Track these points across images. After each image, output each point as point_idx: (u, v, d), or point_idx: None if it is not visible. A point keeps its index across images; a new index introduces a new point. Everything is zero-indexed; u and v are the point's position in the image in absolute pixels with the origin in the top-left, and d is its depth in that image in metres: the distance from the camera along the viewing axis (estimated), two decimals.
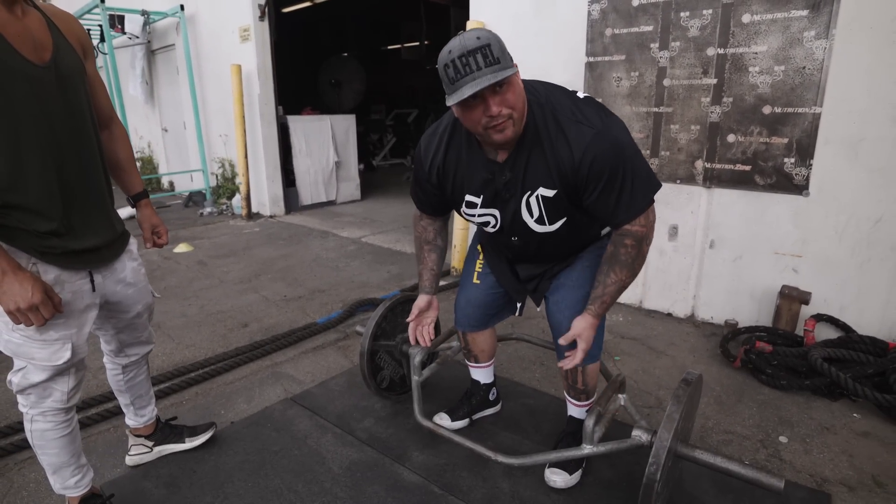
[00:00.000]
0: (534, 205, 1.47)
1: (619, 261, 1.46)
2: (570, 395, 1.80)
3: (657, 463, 1.35)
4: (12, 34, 1.18)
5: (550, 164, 1.39)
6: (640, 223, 1.41)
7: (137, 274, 1.53)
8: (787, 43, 2.52)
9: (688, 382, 1.50)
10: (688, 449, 1.49)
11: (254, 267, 4.24)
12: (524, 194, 1.46)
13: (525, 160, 1.42)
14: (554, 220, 1.49)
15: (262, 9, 5.60)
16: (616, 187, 1.36)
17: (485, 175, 1.49)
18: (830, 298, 2.60)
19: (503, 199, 1.50)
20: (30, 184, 1.22)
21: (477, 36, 1.24)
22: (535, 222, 1.50)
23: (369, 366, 2.07)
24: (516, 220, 1.52)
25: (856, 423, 2.09)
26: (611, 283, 1.48)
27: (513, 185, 1.46)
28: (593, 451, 1.57)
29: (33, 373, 1.32)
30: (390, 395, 2.21)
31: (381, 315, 2.08)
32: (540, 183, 1.43)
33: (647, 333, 2.91)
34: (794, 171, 2.60)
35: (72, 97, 1.30)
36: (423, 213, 1.78)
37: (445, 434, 1.78)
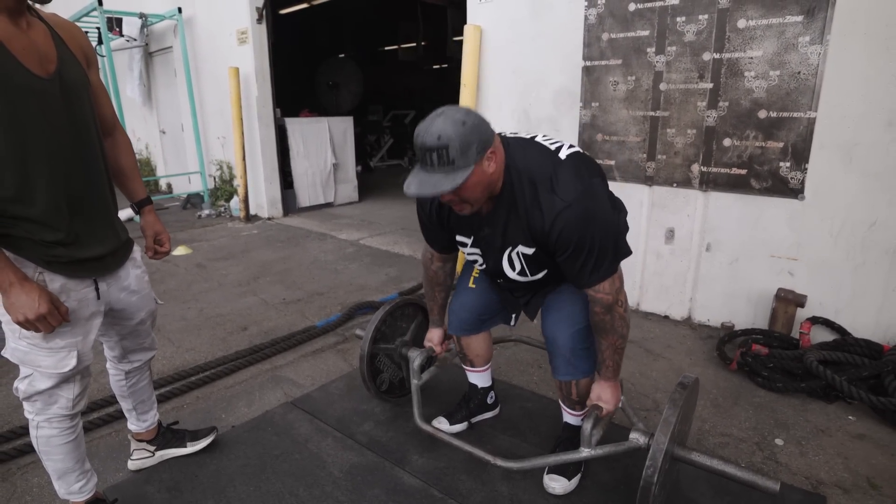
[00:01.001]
0: (515, 260, 1.56)
1: (598, 328, 1.54)
2: (566, 404, 1.83)
3: (654, 466, 1.37)
4: (18, 48, 1.19)
5: (525, 227, 1.46)
6: (604, 290, 1.47)
7: (141, 281, 1.55)
8: (782, 48, 2.55)
9: (684, 386, 1.52)
10: (685, 451, 1.51)
11: (252, 270, 4.25)
12: (505, 249, 1.55)
13: (504, 218, 1.50)
14: (535, 272, 1.57)
15: (260, 11, 5.61)
16: (581, 257, 1.42)
17: (472, 224, 1.58)
18: (826, 301, 2.63)
19: (487, 248, 1.60)
20: (36, 195, 1.23)
21: (439, 134, 1.28)
22: (518, 274, 1.59)
23: (369, 369, 2.08)
24: (498, 269, 1.61)
25: (851, 426, 2.12)
26: (605, 349, 1.56)
27: (492, 239, 1.55)
28: (591, 455, 1.58)
29: (39, 380, 1.34)
30: (390, 397, 2.23)
31: (380, 319, 2.09)
32: (519, 241, 1.51)
33: (644, 336, 2.93)
34: (790, 175, 2.62)
35: (76, 108, 1.31)
36: (433, 253, 1.84)
37: (445, 438, 1.79)
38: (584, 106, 3.24)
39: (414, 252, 4.68)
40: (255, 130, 5.86)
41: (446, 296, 1.94)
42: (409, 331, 2.21)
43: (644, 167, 3.06)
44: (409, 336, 2.20)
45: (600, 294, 1.47)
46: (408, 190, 1.33)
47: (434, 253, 1.84)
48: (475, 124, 1.31)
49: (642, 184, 3.08)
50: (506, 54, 3.54)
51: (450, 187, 1.29)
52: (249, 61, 5.70)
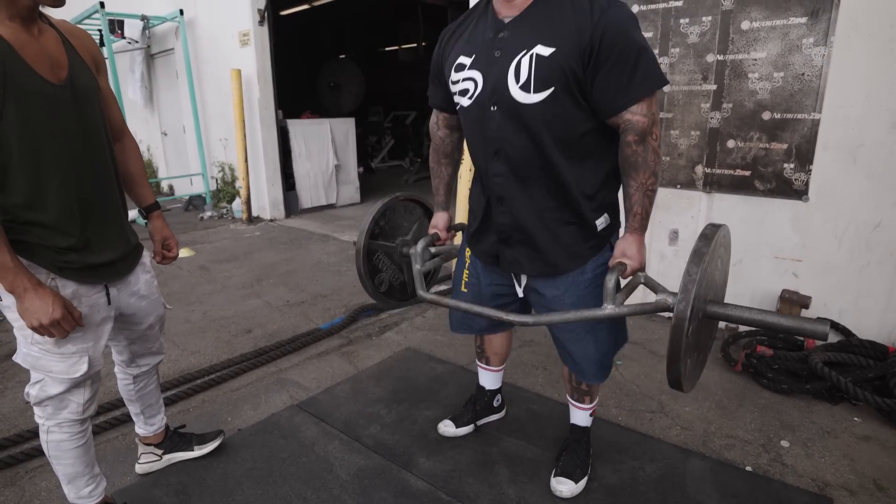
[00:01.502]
0: (524, 66, 1.35)
1: (629, 163, 1.37)
2: (574, 397, 1.82)
3: (686, 301, 1.17)
4: (30, 55, 1.20)
5: (561, 22, 1.31)
6: (641, 112, 1.32)
7: (150, 286, 1.55)
8: (786, 50, 2.55)
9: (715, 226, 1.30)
10: (720, 307, 1.31)
11: (256, 272, 4.25)
12: (518, 52, 1.36)
13: (531, 20, 1.36)
14: (540, 89, 1.35)
15: (262, 13, 5.62)
16: (626, 62, 1.28)
17: (489, 34, 1.42)
18: (830, 302, 2.63)
19: (493, 59, 1.40)
20: (49, 201, 1.24)
21: None
22: (520, 88, 1.36)
23: (366, 265, 1.88)
24: (500, 84, 1.39)
25: (856, 427, 2.12)
26: (634, 191, 1.39)
27: (508, 42, 1.38)
28: (615, 312, 1.38)
29: (51, 385, 1.34)
30: (388, 300, 2.04)
31: (378, 212, 1.88)
32: (539, 40, 1.33)
33: (649, 337, 2.93)
34: (794, 177, 2.63)
35: (87, 114, 1.32)
36: (440, 115, 1.73)
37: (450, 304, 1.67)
38: None
39: None
40: (257, 132, 5.87)
41: (453, 171, 1.81)
42: (410, 231, 2.03)
43: None
44: (410, 236, 2.01)
45: (637, 116, 1.32)
46: None
47: (440, 116, 1.73)
48: None
49: None
50: None
51: None
52: (251, 63, 5.71)
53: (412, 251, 1.79)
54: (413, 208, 2.05)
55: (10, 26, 1.18)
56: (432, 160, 1.81)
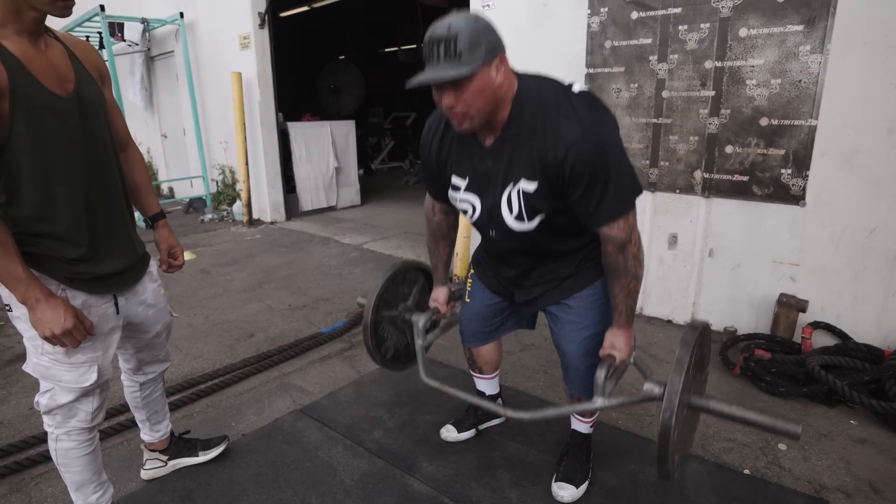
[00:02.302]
0: (514, 200, 1.44)
1: (610, 269, 1.47)
2: (575, 411, 1.84)
3: (671, 409, 1.29)
4: (38, 68, 1.22)
5: (535, 156, 1.36)
6: (618, 227, 1.39)
7: (157, 295, 1.58)
8: (783, 57, 2.58)
9: (695, 328, 1.42)
10: (702, 400, 1.43)
11: (257, 275, 4.28)
12: (505, 186, 1.44)
13: (509, 150, 1.40)
14: (532, 217, 1.45)
15: (262, 17, 5.63)
16: (596, 189, 1.34)
17: (473, 158, 1.48)
18: (827, 306, 2.66)
19: (485, 187, 1.48)
20: (59, 213, 1.26)
21: (449, 24, 1.22)
22: (514, 219, 1.46)
23: (373, 338, 1.95)
24: (494, 214, 1.49)
25: (853, 430, 2.15)
26: (617, 293, 1.48)
27: (494, 173, 1.44)
28: (605, 405, 1.50)
29: (60, 394, 1.37)
30: (395, 365, 2.11)
31: (382, 286, 1.96)
32: (522, 174, 1.40)
33: (648, 341, 2.96)
34: (791, 182, 2.65)
35: (94, 126, 1.34)
36: (435, 203, 1.77)
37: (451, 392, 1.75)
38: None
39: (418, 257, 4.71)
40: (257, 135, 5.89)
41: (450, 251, 1.87)
42: (411, 296, 2.10)
43: (647, 173, 3.09)
44: (411, 301, 2.08)
45: (614, 231, 1.39)
46: (410, 83, 1.25)
47: (436, 204, 1.77)
48: (487, 26, 1.26)
49: (645, 190, 3.11)
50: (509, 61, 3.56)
51: (452, 74, 1.21)
52: (252, 66, 5.73)
53: (414, 323, 1.92)
54: (414, 275, 2.15)
55: (17, 41, 1.20)
56: (430, 241, 1.88)
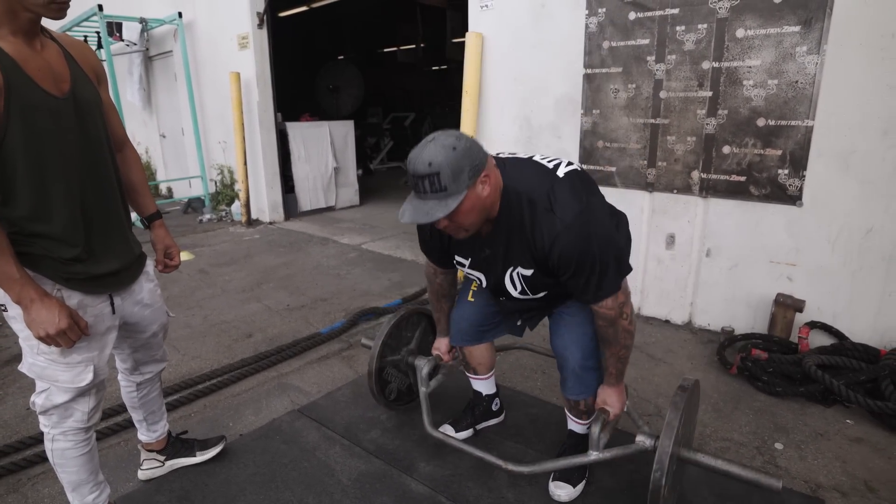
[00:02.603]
0: (516, 280, 1.58)
1: (602, 339, 1.59)
2: (572, 414, 1.86)
3: (661, 469, 1.40)
4: (34, 69, 1.22)
5: (525, 247, 1.48)
6: (606, 306, 1.49)
7: (154, 295, 1.58)
8: (780, 57, 2.58)
9: (684, 389, 1.57)
10: (690, 453, 1.55)
11: (255, 275, 4.27)
12: (506, 269, 1.57)
13: (504, 240, 1.51)
14: (537, 292, 1.60)
15: (261, 17, 5.63)
16: (583, 275, 1.44)
17: (472, 245, 1.60)
18: (824, 306, 2.67)
19: (488, 268, 1.62)
20: (54, 213, 1.26)
21: (429, 161, 1.29)
22: (520, 294, 1.61)
23: (377, 382, 2.11)
24: (500, 288, 1.63)
25: (849, 429, 2.15)
26: (609, 357, 1.61)
27: (493, 260, 1.58)
28: (599, 458, 1.63)
29: (56, 394, 1.37)
30: (398, 405, 2.26)
31: (386, 333, 2.11)
32: (518, 262, 1.53)
33: (646, 340, 2.97)
34: (788, 182, 2.66)
35: (90, 126, 1.34)
36: (436, 268, 1.87)
37: (455, 444, 1.83)
38: (585, 113, 3.28)
39: (416, 257, 4.71)
40: (256, 135, 5.89)
41: (451, 305, 1.98)
42: (413, 339, 2.24)
43: (645, 174, 3.10)
44: (414, 344, 2.23)
45: (603, 310, 1.50)
46: (402, 218, 1.35)
47: (436, 267, 1.86)
48: (466, 148, 1.31)
49: (643, 190, 3.11)
50: (507, 62, 3.57)
51: (443, 214, 1.30)
52: (250, 66, 5.73)
53: (418, 369, 2.03)
54: (417, 319, 2.27)
55: (13, 42, 1.20)
56: (432, 298, 1.97)
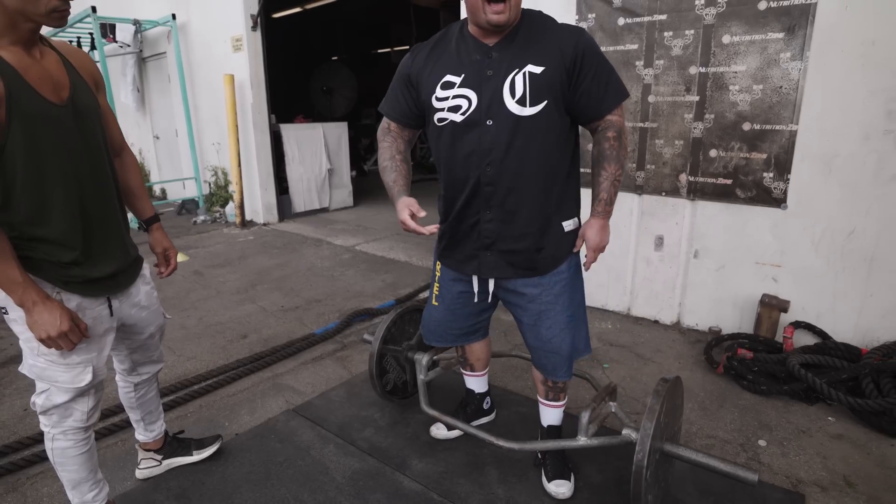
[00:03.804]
0: (518, 83, 1.50)
1: (605, 156, 1.57)
2: (549, 397, 1.88)
3: (643, 451, 1.46)
4: (34, 77, 1.26)
5: (545, 45, 1.50)
6: (618, 113, 1.57)
7: (150, 297, 1.61)
8: (764, 63, 2.64)
9: (666, 380, 1.63)
10: (673, 447, 1.62)
11: (250, 277, 4.30)
12: (511, 71, 1.50)
13: (517, 45, 1.52)
14: (535, 102, 1.50)
15: (255, 19, 5.66)
16: (604, 75, 1.53)
17: (475, 55, 1.54)
18: (808, 306, 2.73)
19: (486, 78, 1.52)
20: (54, 217, 1.30)
21: None
22: (517, 102, 1.50)
23: (377, 368, 2.16)
24: (495, 100, 1.51)
25: (830, 426, 2.21)
26: (604, 180, 1.58)
27: (500, 62, 1.51)
28: (587, 444, 1.71)
29: (56, 394, 1.40)
30: (393, 398, 2.29)
31: (391, 321, 2.18)
32: (529, 60, 1.50)
33: (635, 340, 3.02)
34: (773, 186, 2.72)
35: (88, 132, 1.38)
36: (391, 124, 1.74)
37: (451, 421, 1.95)
38: None
39: (409, 258, 4.75)
40: (250, 137, 5.91)
41: (407, 169, 1.72)
42: (415, 336, 2.28)
43: (634, 176, 3.15)
44: (414, 341, 2.27)
45: (615, 116, 1.56)
46: None
47: (393, 125, 1.74)
48: None
49: (632, 193, 3.17)
50: None
51: None
52: (244, 68, 5.75)
53: (417, 360, 2.08)
54: (419, 318, 2.30)
55: (13, 51, 1.24)
56: (385, 158, 1.72)
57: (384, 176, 1.69)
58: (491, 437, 1.80)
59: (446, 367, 2.24)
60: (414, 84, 1.65)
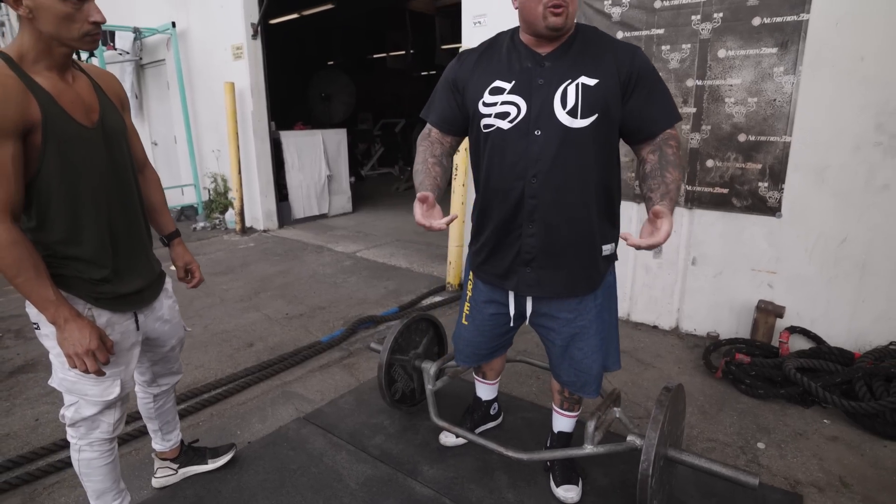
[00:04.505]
0: (570, 94, 1.47)
1: (669, 161, 1.48)
2: (565, 406, 1.94)
3: (648, 460, 1.53)
4: (67, 102, 1.31)
5: (601, 59, 1.48)
6: (676, 128, 1.57)
7: (173, 311, 1.66)
8: (759, 77, 2.73)
9: (668, 390, 1.70)
10: (677, 452, 1.68)
11: (253, 284, 4.34)
12: (563, 81, 1.47)
13: (572, 55, 1.50)
14: (587, 114, 1.47)
15: (255, 28, 5.71)
16: (659, 95, 1.52)
17: (526, 63, 1.51)
18: (802, 312, 2.81)
19: (537, 87, 1.49)
20: (85, 236, 1.35)
21: None
22: (567, 114, 1.47)
23: (386, 377, 2.22)
24: (545, 109, 1.48)
25: (826, 429, 2.29)
26: (671, 181, 1.46)
27: (550, 73, 1.49)
28: (593, 452, 1.76)
29: (85, 407, 1.45)
30: (402, 406, 2.36)
31: (399, 331, 2.24)
32: (583, 72, 1.47)
33: (635, 346, 3.09)
34: (768, 195, 2.80)
35: (117, 152, 1.43)
36: (433, 130, 1.69)
37: (460, 432, 1.99)
38: None
39: (410, 265, 4.81)
40: (250, 144, 5.95)
41: (442, 172, 1.61)
42: (421, 344, 2.36)
43: (633, 185, 3.23)
44: (421, 349, 2.35)
45: (675, 131, 1.54)
46: None
47: (433, 130, 1.69)
48: None
49: (632, 202, 3.24)
50: None
51: None
52: (245, 76, 5.79)
53: (425, 369, 2.14)
54: (425, 326, 2.39)
55: (48, 77, 1.29)
56: (418, 162, 1.63)
57: (415, 179, 1.61)
58: (500, 448, 1.84)
59: (453, 374, 2.30)
60: (460, 89, 1.61)
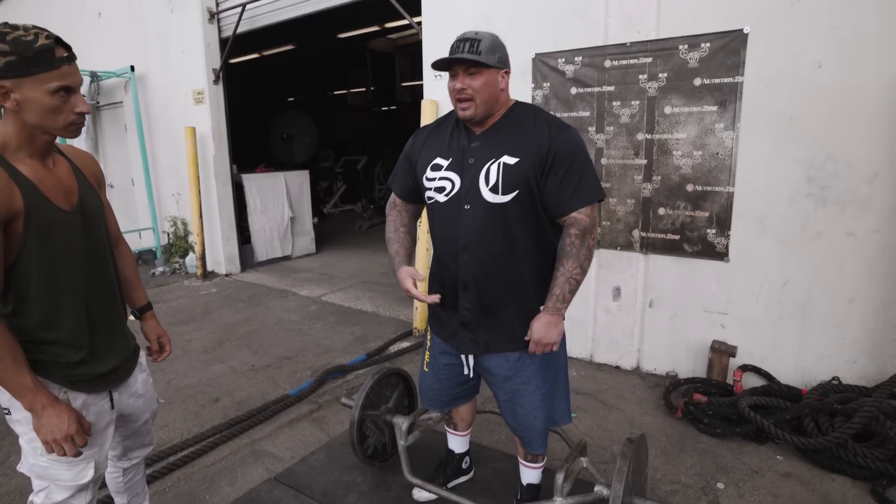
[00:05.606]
0: (493, 172, 1.62)
1: (563, 252, 1.61)
2: (528, 459, 2.01)
3: None
4: (49, 188, 1.32)
5: (523, 138, 1.62)
6: (586, 213, 1.61)
7: (146, 384, 1.65)
8: (702, 132, 2.95)
9: (631, 441, 1.80)
10: (641, 501, 1.76)
11: (216, 333, 4.26)
12: (488, 161, 1.64)
13: (499, 136, 1.66)
14: (507, 191, 1.61)
15: (217, 73, 5.73)
16: (576, 174, 1.60)
17: (462, 142, 1.70)
18: (753, 350, 2.99)
19: (468, 165, 1.66)
20: (63, 319, 1.34)
21: (476, 32, 1.61)
22: (490, 190, 1.62)
23: (358, 433, 2.22)
24: (472, 186, 1.64)
25: (779, 465, 2.42)
26: (559, 276, 1.61)
27: (479, 152, 1.66)
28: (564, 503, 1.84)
29: (56, 492, 1.41)
30: (374, 462, 2.36)
31: (369, 387, 2.26)
32: (506, 152, 1.62)
33: (599, 387, 3.19)
34: (716, 241, 3.00)
35: (95, 233, 1.44)
36: (397, 200, 1.91)
37: (433, 489, 2.05)
38: None
39: (377, 308, 4.82)
40: (212, 188, 5.89)
41: (411, 240, 1.88)
42: (392, 398, 2.38)
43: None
44: (392, 403, 2.37)
45: (582, 215, 1.61)
46: (436, 61, 1.61)
47: (398, 200, 1.91)
48: (504, 46, 1.63)
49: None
50: None
51: (472, 58, 1.54)
52: (206, 121, 5.78)
53: (397, 424, 2.19)
54: (396, 380, 2.44)
55: (30, 164, 1.30)
56: (390, 231, 1.88)
57: (388, 247, 1.86)
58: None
59: (425, 428, 2.32)
60: (413, 163, 1.83)
